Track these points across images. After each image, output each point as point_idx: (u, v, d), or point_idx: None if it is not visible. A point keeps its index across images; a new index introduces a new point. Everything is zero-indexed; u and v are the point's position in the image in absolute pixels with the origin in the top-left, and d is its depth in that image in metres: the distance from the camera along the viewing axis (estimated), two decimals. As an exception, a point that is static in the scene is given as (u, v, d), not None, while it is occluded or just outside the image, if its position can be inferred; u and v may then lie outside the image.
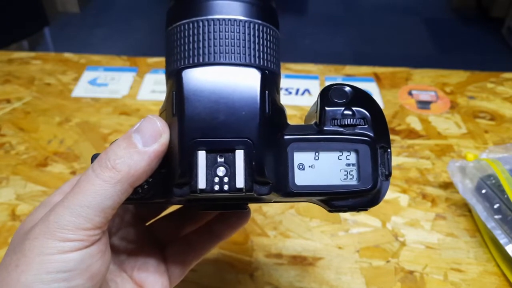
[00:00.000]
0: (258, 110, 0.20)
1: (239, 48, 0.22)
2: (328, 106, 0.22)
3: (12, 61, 0.63)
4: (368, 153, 0.21)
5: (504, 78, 0.61)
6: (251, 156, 0.19)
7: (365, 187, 0.21)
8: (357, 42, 1.90)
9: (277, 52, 0.25)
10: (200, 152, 0.19)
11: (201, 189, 0.19)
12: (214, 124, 0.20)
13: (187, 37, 0.22)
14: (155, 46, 1.82)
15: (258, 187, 0.20)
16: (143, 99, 0.57)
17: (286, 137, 0.21)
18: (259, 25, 0.23)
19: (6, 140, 0.51)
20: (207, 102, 0.20)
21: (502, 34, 1.93)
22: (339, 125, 0.22)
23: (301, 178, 0.21)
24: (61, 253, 0.19)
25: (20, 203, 0.44)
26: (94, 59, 0.64)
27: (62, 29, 1.89)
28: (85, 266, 0.19)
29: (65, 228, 0.19)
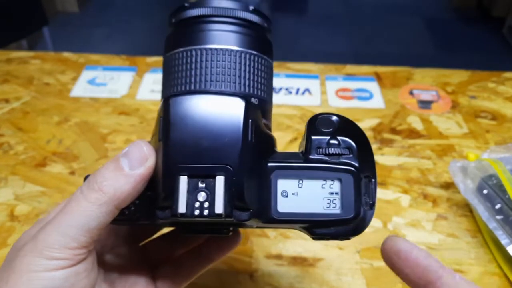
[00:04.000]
0: (240, 138, 0.20)
1: (229, 76, 0.23)
2: (314, 135, 0.22)
3: (11, 61, 0.63)
4: (351, 183, 0.21)
5: (506, 78, 0.61)
6: (231, 182, 0.20)
7: (347, 216, 0.21)
8: (358, 42, 1.89)
9: (268, 81, 0.25)
10: (182, 177, 0.20)
11: (182, 213, 0.20)
12: (197, 150, 0.20)
13: (180, 65, 0.24)
14: (155, 46, 1.82)
15: (238, 213, 0.20)
16: (142, 99, 0.56)
17: (270, 164, 0.22)
18: (251, 55, 0.24)
19: (5, 140, 0.51)
20: (192, 128, 0.20)
21: (503, 34, 1.93)
22: (324, 154, 0.22)
23: (284, 205, 0.21)
24: (47, 270, 0.19)
25: (18, 203, 0.43)
26: (93, 58, 0.64)
27: (61, 29, 1.89)
28: (70, 284, 0.20)
29: (52, 246, 0.20)
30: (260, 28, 0.26)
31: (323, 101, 0.57)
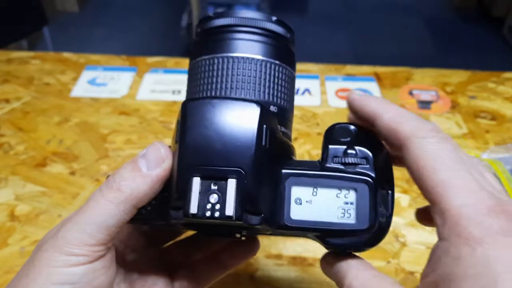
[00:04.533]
0: (254, 142, 0.21)
1: (249, 84, 0.24)
2: (332, 144, 0.22)
3: (11, 61, 0.63)
4: (367, 193, 0.21)
5: (505, 78, 0.61)
6: (242, 185, 0.20)
7: (361, 227, 0.21)
8: (358, 42, 1.89)
9: (289, 91, 0.26)
10: (195, 178, 0.20)
11: (193, 214, 0.20)
12: (211, 153, 0.21)
13: (203, 72, 0.24)
14: (155, 46, 1.82)
15: (249, 216, 0.20)
16: (143, 99, 0.56)
17: (284, 171, 0.22)
18: (273, 64, 0.25)
19: (5, 140, 0.51)
20: (207, 131, 0.21)
21: (503, 34, 1.93)
22: (340, 163, 0.22)
23: (297, 213, 0.21)
24: (66, 266, 0.20)
25: (19, 203, 0.43)
26: (93, 58, 0.64)
27: (61, 29, 1.89)
28: (88, 280, 0.21)
29: (71, 243, 0.20)
30: (283, 39, 0.26)
31: (323, 101, 0.57)
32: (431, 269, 0.18)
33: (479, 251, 0.16)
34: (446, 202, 0.18)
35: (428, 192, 0.19)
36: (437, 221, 0.18)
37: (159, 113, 0.54)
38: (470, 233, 0.17)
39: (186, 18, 1.67)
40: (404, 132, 0.20)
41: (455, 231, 0.17)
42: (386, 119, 0.21)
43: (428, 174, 0.19)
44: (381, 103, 0.22)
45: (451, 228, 0.17)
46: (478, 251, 0.16)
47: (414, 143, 0.20)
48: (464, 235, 0.17)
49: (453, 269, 0.17)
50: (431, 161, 0.19)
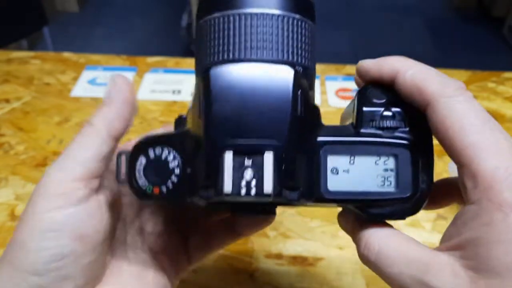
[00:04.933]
0: (289, 111, 0.19)
1: (271, 43, 0.21)
2: (366, 107, 0.21)
3: (11, 61, 0.63)
4: (408, 159, 0.20)
5: (505, 78, 0.61)
6: (280, 159, 0.18)
7: (403, 195, 0.20)
8: (358, 41, 1.89)
9: (312, 47, 0.23)
10: (227, 154, 0.18)
11: (227, 193, 0.18)
12: (242, 125, 0.19)
13: (217, 32, 0.21)
14: (155, 46, 1.82)
15: (288, 192, 0.19)
16: (143, 99, 0.56)
17: (319, 139, 0.20)
18: (294, 19, 0.22)
19: (5, 140, 0.51)
20: (236, 102, 0.19)
21: (503, 34, 1.93)
22: (377, 127, 0.20)
23: (334, 183, 0.20)
24: (47, 211, 0.20)
25: (19, 203, 0.43)
26: (93, 58, 0.64)
27: (62, 29, 1.89)
28: (71, 227, 0.20)
29: (51, 183, 0.21)
30: None
31: (323, 101, 0.57)
32: (457, 233, 0.18)
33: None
34: (478, 164, 0.17)
35: (457, 153, 0.18)
36: (467, 184, 0.17)
37: (159, 113, 0.54)
38: (503, 198, 0.16)
39: (186, 18, 1.67)
40: (429, 91, 0.19)
41: (487, 195, 0.17)
42: (409, 75, 0.20)
43: (457, 135, 0.18)
44: (401, 59, 0.21)
45: (483, 192, 0.17)
46: (511, 217, 0.16)
47: (441, 103, 0.19)
48: (497, 200, 0.16)
49: (483, 234, 0.16)
50: (460, 121, 0.18)
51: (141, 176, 0.21)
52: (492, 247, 0.16)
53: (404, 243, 0.19)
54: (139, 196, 0.21)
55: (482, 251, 0.16)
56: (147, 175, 0.20)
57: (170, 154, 0.20)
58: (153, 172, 0.20)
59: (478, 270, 0.16)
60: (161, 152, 0.20)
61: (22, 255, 0.20)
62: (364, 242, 0.20)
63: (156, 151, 0.21)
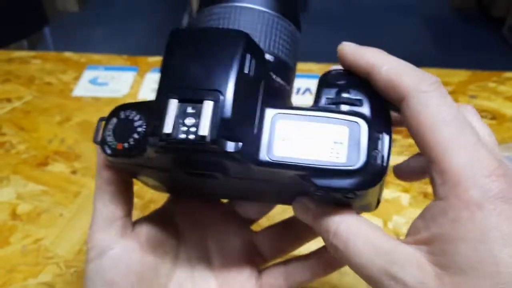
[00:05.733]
0: (235, 66, 0.20)
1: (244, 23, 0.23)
2: (326, 87, 0.22)
3: (12, 61, 0.63)
4: (358, 132, 0.20)
5: (506, 78, 0.61)
6: (220, 108, 0.19)
7: (351, 166, 0.19)
8: (358, 41, 1.88)
9: (291, 46, 0.25)
10: (171, 100, 0.19)
11: (167, 134, 0.19)
12: (190, 76, 0.20)
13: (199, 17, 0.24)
14: (156, 45, 1.82)
15: (225, 142, 0.19)
16: (144, 98, 0.56)
17: (272, 108, 0.21)
18: (276, 17, 0.24)
19: (7, 139, 0.51)
20: (189, 56, 0.20)
21: (502, 34, 1.93)
22: (333, 103, 0.21)
23: (280, 149, 0.20)
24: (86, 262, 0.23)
25: (20, 202, 0.44)
26: (94, 58, 0.64)
27: (62, 28, 1.89)
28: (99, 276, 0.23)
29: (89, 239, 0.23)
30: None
31: (324, 100, 0.57)
32: (425, 227, 0.18)
33: (478, 216, 0.16)
34: (447, 160, 0.17)
35: (428, 149, 0.18)
36: (436, 180, 0.18)
37: (160, 113, 0.54)
38: (470, 196, 0.16)
39: (186, 18, 1.67)
40: (404, 85, 0.19)
41: (454, 192, 0.17)
42: (385, 70, 0.20)
43: (429, 131, 0.18)
44: (377, 53, 0.21)
45: (450, 189, 0.17)
46: (477, 215, 0.16)
47: (415, 97, 0.19)
48: (463, 197, 0.16)
49: (450, 231, 0.17)
50: (433, 117, 0.18)
51: (110, 134, 0.23)
52: (458, 245, 0.16)
53: (372, 232, 0.19)
54: (105, 152, 0.23)
55: (448, 248, 0.16)
56: (116, 133, 0.23)
57: (137, 116, 0.22)
58: (121, 131, 0.22)
59: (444, 266, 0.16)
60: (129, 114, 0.23)
61: None
62: (332, 230, 0.20)
63: (126, 113, 0.23)
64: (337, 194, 0.20)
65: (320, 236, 0.22)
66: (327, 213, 0.21)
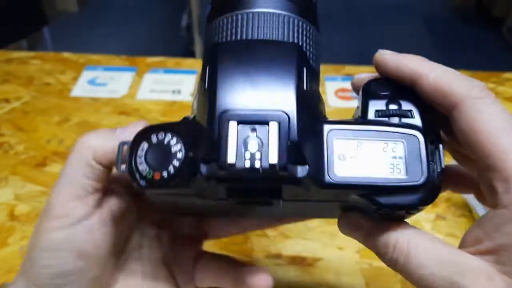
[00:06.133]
0: (295, 83, 0.18)
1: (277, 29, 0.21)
2: (371, 99, 0.20)
3: (11, 61, 0.63)
4: (417, 146, 0.19)
5: (505, 78, 0.61)
6: (286, 130, 0.18)
7: (415, 182, 0.19)
8: (357, 42, 1.89)
9: (316, 51, 0.24)
10: (231, 123, 0.17)
11: (230, 164, 0.17)
12: (248, 96, 0.18)
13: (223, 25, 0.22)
14: (155, 46, 1.82)
15: (295, 167, 0.17)
16: (143, 99, 0.56)
17: (326, 124, 0.19)
18: (299, 21, 0.22)
19: (5, 140, 0.51)
20: (241, 73, 0.19)
21: (502, 34, 1.93)
22: (384, 116, 0.20)
23: (341, 169, 0.19)
24: (49, 231, 0.21)
25: (18, 203, 0.44)
26: (93, 58, 0.64)
27: (61, 29, 1.89)
28: (71, 246, 0.21)
29: (52, 205, 0.22)
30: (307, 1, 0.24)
31: (323, 101, 0.57)
32: (487, 237, 0.18)
33: None
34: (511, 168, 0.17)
35: (487, 157, 0.18)
36: (498, 188, 0.17)
37: (159, 113, 0.54)
38: None
39: (186, 18, 1.67)
40: (455, 93, 0.18)
41: None
42: (433, 78, 0.19)
43: (487, 139, 0.17)
44: (421, 61, 0.20)
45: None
46: None
47: (468, 105, 0.18)
48: None
49: None
50: (489, 124, 0.18)
51: (142, 161, 0.20)
52: None
53: (433, 243, 0.19)
54: (139, 184, 0.20)
55: None
56: (148, 160, 0.19)
57: (173, 139, 0.20)
58: (155, 157, 0.20)
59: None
60: (164, 137, 0.20)
61: (31, 270, 0.22)
62: (392, 244, 0.19)
63: (158, 136, 0.20)
64: (401, 211, 0.20)
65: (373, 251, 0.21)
66: (384, 229, 0.20)
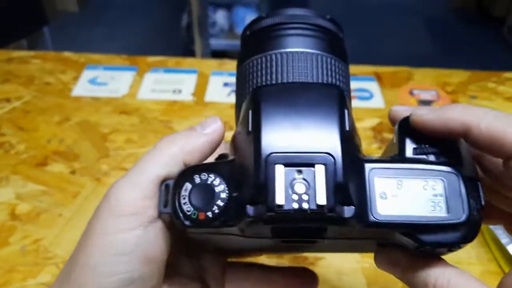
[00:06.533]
0: (338, 124, 0.19)
1: (312, 70, 0.22)
2: (409, 136, 0.21)
3: (11, 60, 0.63)
4: (456, 183, 0.19)
5: (506, 78, 0.61)
6: (332, 172, 0.18)
7: (456, 220, 0.19)
8: (358, 42, 1.89)
9: (347, 85, 0.24)
10: (277, 166, 0.18)
11: (279, 205, 0.17)
12: (292, 138, 0.19)
13: (259, 65, 0.23)
14: (155, 45, 1.82)
15: (342, 208, 0.18)
16: (143, 98, 0.56)
17: (366, 163, 0.20)
18: (330, 58, 0.23)
19: (6, 139, 0.51)
20: (285, 116, 0.19)
21: (502, 34, 1.93)
22: (422, 153, 0.20)
23: (384, 208, 0.19)
24: (120, 232, 0.19)
25: (19, 202, 0.43)
26: (93, 58, 0.64)
27: (62, 28, 1.89)
28: (141, 250, 0.19)
29: (123, 201, 0.20)
30: (335, 36, 0.25)
31: (324, 100, 0.57)
32: None
33: None
34: None
35: None
36: None
37: (160, 112, 0.54)
38: None
39: (186, 18, 1.67)
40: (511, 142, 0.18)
41: None
42: (485, 127, 0.18)
43: None
44: (465, 110, 0.19)
45: None
46: None
47: None
48: None
49: None
50: None
51: (186, 202, 0.20)
52: None
53: (473, 285, 0.18)
54: (183, 224, 0.20)
55: None
56: (192, 200, 0.20)
57: (216, 179, 0.20)
58: (199, 197, 0.20)
59: None
60: (207, 178, 0.20)
61: (91, 279, 0.19)
62: (432, 284, 0.19)
63: (202, 177, 0.20)
64: (443, 249, 0.20)
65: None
66: (423, 266, 0.20)
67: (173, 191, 0.20)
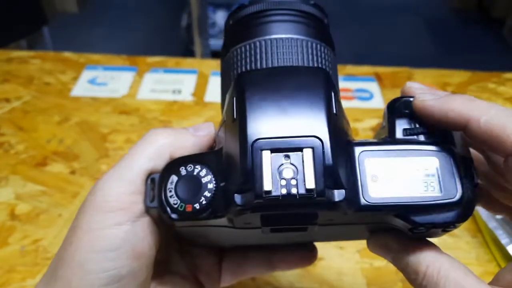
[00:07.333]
0: (325, 108, 0.18)
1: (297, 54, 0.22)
2: (398, 117, 0.20)
3: (11, 60, 0.63)
4: (449, 162, 0.19)
5: (506, 78, 0.61)
6: (321, 155, 0.17)
7: (450, 199, 0.18)
8: (358, 42, 1.89)
9: (333, 71, 0.24)
10: (264, 152, 0.17)
11: (267, 191, 0.17)
12: (278, 123, 0.18)
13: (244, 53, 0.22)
14: (155, 46, 1.82)
15: (331, 191, 0.17)
16: (143, 98, 0.56)
17: (356, 145, 0.19)
18: (315, 43, 0.23)
19: (5, 139, 0.51)
20: (270, 101, 0.19)
21: (503, 35, 1.93)
22: (412, 134, 0.20)
23: (375, 190, 0.19)
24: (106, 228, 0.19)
25: (19, 202, 0.43)
26: (93, 58, 0.64)
27: (61, 29, 1.89)
28: (129, 245, 0.19)
29: (109, 196, 0.19)
30: (319, 21, 0.25)
31: (323, 101, 0.57)
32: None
33: None
34: None
35: None
36: None
37: (159, 113, 0.54)
38: None
39: (186, 18, 1.67)
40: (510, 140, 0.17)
41: None
42: (484, 122, 0.18)
43: None
44: (467, 102, 0.18)
45: None
46: None
47: None
48: None
49: None
50: None
51: (173, 194, 0.19)
52: None
53: (464, 276, 0.18)
54: (170, 217, 0.19)
55: None
56: (179, 193, 0.19)
57: (203, 170, 0.19)
58: (185, 189, 0.19)
59: None
60: (193, 169, 0.20)
61: (79, 276, 0.19)
62: (422, 272, 0.19)
63: (188, 168, 0.20)
64: (438, 230, 0.19)
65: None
66: (413, 252, 0.19)
67: (159, 185, 0.20)
